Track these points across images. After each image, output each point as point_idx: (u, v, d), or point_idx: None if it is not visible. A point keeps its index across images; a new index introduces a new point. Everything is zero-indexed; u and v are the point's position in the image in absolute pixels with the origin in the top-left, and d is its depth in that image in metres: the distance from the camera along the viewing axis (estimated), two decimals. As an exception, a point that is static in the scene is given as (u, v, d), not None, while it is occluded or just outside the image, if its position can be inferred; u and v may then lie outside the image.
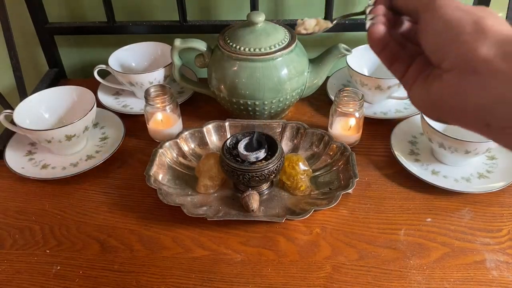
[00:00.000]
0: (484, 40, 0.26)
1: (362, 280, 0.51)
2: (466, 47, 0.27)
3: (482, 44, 0.26)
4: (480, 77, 0.26)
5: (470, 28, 0.27)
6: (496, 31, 0.26)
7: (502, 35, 0.26)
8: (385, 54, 0.35)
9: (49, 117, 0.73)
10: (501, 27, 0.27)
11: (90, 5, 0.89)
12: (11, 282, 0.53)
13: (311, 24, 0.43)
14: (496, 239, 0.55)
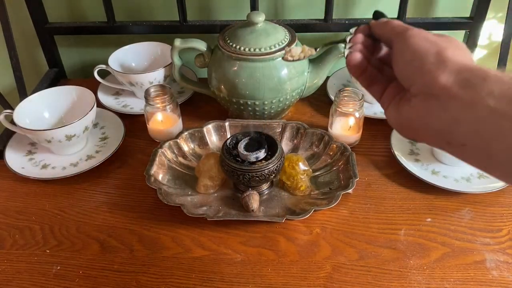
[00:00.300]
0: (444, 69, 0.30)
1: (362, 280, 0.51)
2: (429, 75, 0.30)
3: (442, 72, 0.30)
4: (440, 102, 0.30)
5: (433, 58, 0.31)
6: (455, 61, 0.30)
7: (459, 64, 0.30)
8: (364, 78, 0.38)
9: (49, 117, 0.73)
10: (459, 57, 0.31)
11: (90, 5, 0.89)
12: (11, 282, 0.53)
13: (297, 51, 0.46)
14: (496, 239, 0.55)
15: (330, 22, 0.83)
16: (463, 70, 0.30)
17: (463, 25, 0.84)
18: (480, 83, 0.28)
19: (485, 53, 0.93)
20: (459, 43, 0.33)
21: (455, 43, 0.32)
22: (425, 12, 0.88)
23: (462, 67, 0.30)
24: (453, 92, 0.29)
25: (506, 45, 0.77)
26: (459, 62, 0.30)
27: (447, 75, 0.30)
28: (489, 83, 0.28)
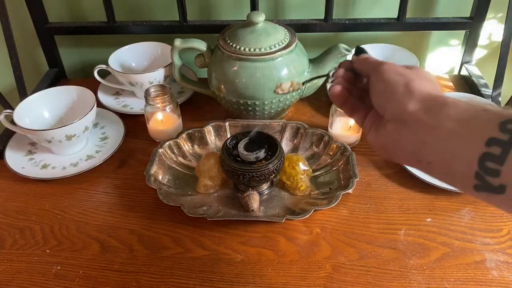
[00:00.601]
0: (411, 98, 0.35)
1: (362, 280, 0.51)
2: (399, 104, 0.35)
3: (409, 101, 0.35)
4: (409, 126, 0.34)
5: (402, 89, 0.36)
6: (421, 91, 0.35)
7: (424, 93, 0.35)
8: (346, 107, 0.43)
9: (49, 117, 0.73)
10: (424, 87, 0.35)
11: (90, 5, 0.89)
12: (11, 282, 0.53)
13: (286, 86, 0.53)
14: (496, 239, 0.55)
15: (330, 22, 0.83)
16: (427, 98, 0.34)
17: (463, 25, 0.84)
18: (440, 108, 0.32)
19: (485, 53, 0.93)
20: (426, 74, 0.38)
21: (422, 74, 0.37)
22: (425, 12, 0.88)
23: (426, 96, 0.34)
24: (418, 117, 0.34)
25: (506, 45, 0.77)
26: (424, 91, 0.35)
27: (414, 103, 0.34)
28: (447, 108, 0.32)
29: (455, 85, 0.87)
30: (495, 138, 0.28)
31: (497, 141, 0.28)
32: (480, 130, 0.29)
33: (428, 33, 0.91)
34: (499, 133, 0.28)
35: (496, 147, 0.28)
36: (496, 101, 0.77)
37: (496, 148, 0.28)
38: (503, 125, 0.28)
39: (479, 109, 0.31)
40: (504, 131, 0.28)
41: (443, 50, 0.94)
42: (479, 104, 0.31)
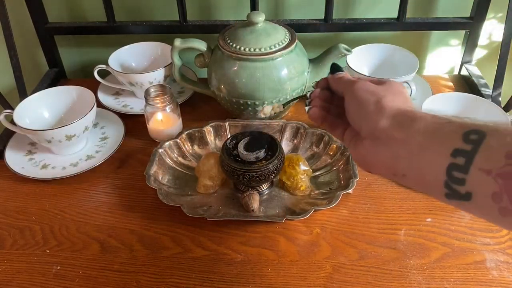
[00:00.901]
0: (382, 115, 0.36)
1: (362, 280, 0.51)
2: (371, 122, 0.37)
3: (381, 118, 0.36)
4: (382, 142, 0.36)
5: (373, 107, 0.38)
6: (391, 107, 0.37)
7: (394, 109, 0.36)
8: (326, 125, 0.46)
9: (49, 117, 0.73)
10: (394, 103, 0.37)
11: (90, 5, 0.89)
12: (11, 282, 0.53)
13: (268, 109, 0.55)
14: (496, 239, 0.55)
15: (330, 22, 0.83)
16: (397, 114, 0.36)
17: (463, 25, 0.84)
18: (410, 123, 0.34)
19: (485, 53, 0.93)
20: (397, 88, 0.40)
21: (393, 89, 0.39)
22: (425, 12, 0.88)
23: (396, 112, 0.36)
24: (390, 133, 0.36)
25: (506, 45, 0.77)
26: (394, 107, 0.37)
27: (385, 120, 0.36)
28: (416, 122, 0.34)
29: (455, 85, 0.87)
30: (459, 149, 0.30)
31: (461, 152, 0.30)
32: (446, 142, 0.31)
33: (428, 33, 0.91)
34: (462, 143, 0.30)
35: (461, 158, 0.29)
36: (496, 101, 0.77)
37: (460, 158, 0.29)
38: (466, 135, 0.30)
39: (444, 121, 0.32)
40: (467, 142, 0.29)
41: (443, 50, 0.94)
42: (444, 116, 0.33)
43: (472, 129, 0.30)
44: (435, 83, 0.86)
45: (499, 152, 0.28)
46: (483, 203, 0.29)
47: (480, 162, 0.28)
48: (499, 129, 0.29)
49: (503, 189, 0.27)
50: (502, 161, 0.27)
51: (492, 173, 0.28)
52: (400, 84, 0.41)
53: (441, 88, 0.85)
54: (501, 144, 0.28)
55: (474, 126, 0.30)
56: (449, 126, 0.32)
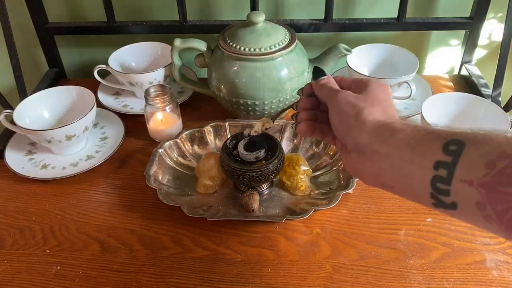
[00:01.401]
0: (363, 130, 0.37)
1: (362, 280, 0.51)
2: (353, 136, 0.38)
3: (362, 133, 0.37)
4: (367, 156, 0.37)
5: (354, 121, 0.38)
6: (371, 121, 0.37)
7: (374, 123, 0.36)
8: (316, 135, 0.46)
9: (49, 117, 0.73)
10: (374, 115, 0.37)
11: (90, 5, 0.89)
12: (11, 282, 0.53)
13: (259, 126, 0.55)
14: (496, 239, 0.55)
15: (330, 22, 0.83)
16: (376, 128, 0.36)
17: (463, 25, 0.84)
18: (390, 137, 0.35)
19: (485, 53, 0.93)
20: (376, 95, 0.39)
21: (372, 99, 0.39)
22: (425, 12, 0.88)
23: (375, 126, 0.36)
24: (372, 148, 0.36)
25: (506, 45, 0.77)
26: (374, 121, 0.37)
27: (366, 135, 0.36)
28: (396, 135, 0.34)
29: (455, 85, 0.87)
30: (440, 161, 0.30)
31: (443, 164, 0.30)
32: (427, 155, 0.31)
33: (428, 33, 0.91)
34: (443, 155, 0.30)
35: (443, 169, 0.30)
36: (496, 101, 0.77)
37: (442, 170, 0.30)
38: (446, 146, 0.30)
39: (423, 133, 0.32)
40: (448, 153, 0.30)
41: (443, 50, 0.94)
42: (424, 127, 0.33)
43: (451, 139, 0.30)
44: (435, 83, 0.86)
45: (479, 162, 0.28)
46: (469, 212, 0.29)
47: (461, 173, 0.29)
48: (477, 138, 0.29)
49: (485, 199, 0.27)
50: (482, 171, 0.27)
51: (474, 183, 0.28)
52: (381, 87, 0.41)
53: (441, 88, 0.85)
54: (480, 154, 0.28)
55: (453, 135, 0.30)
56: (428, 137, 0.32)
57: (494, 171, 0.27)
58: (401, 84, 0.75)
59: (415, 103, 0.78)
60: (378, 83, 0.41)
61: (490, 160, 0.27)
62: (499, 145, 0.27)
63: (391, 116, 0.38)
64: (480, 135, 0.29)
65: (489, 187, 0.27)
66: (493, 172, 0.27)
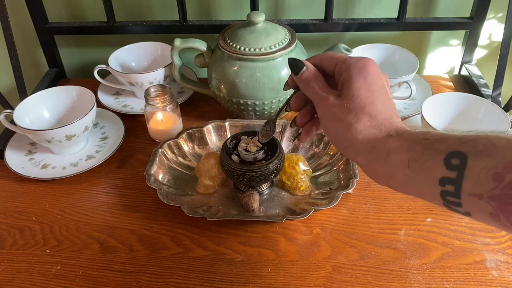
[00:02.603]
0: (356, 152, 0.35)
1: (362, 280, 0.51)
2: (350, 157, 0.36)
3: (356, 155, 0.35)
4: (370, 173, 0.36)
5: (345, 142, 0.36)
6: (362, 140, 0.35)
7: (366, 143, 0.34)
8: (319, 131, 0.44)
9: (49, 117, 0.73)
10: (364, 133, 0.35)
11: (90, 5, 0.89)
12: (11, 282, 0.53)
13: (253, 148, 0.57)
14: (496, 239, 0.55)
15: (330, 22, 0.83)
16: (370, 149, 0.34)
17: (463, 25, 0.84)
18: (386, 159, 0.33)
19: (485, 53, 0.93)
20: (361, 97, 0.35)
21: (355, 106, 0.35)
22: (425, 12, 0.88)
23: (368, 146, 0.34)
24: (373, 167, 0.35)
25: (506, 45, 0.77)
26: (364, 139, 0.35)
27: (361, 157, 0.35)
28: (392, 157, 0.33)
29: (455, 85, 0.87)
30: (445, 177, 0.29)
31: (448, 180, 0.29)
32: (430, 173, 0.30)
33: (428, 33, 0.91)
34: (446, 171, 0.29)
35: (449, 185, 0.29)
36: (496, 101, 0.77)
37: (449, 186, 0.29)
38: (448, 161, 0.29)
39: (420, 149, 0.31)
40: (451, 168, 0.29)
41: (443, 50, 0.94)
42: (419, 139, 0.32)
43: (451, 152, 0.29)
44: (435, 83, 0.86)
45: (485, 176, 0.27)
46: (484, 220, 0.29)
47: (468, 188, 0.28)
48: (478, 148, 0.28)
49: (498, 211, 0.27)
50: (490, 185, 0.27)
51: (483, 197, 0.27)
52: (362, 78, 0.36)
53: (441, 88, 0.85)
54: (485, 167, 0.27)
55: (452, 147, 0.29)
56: (427, 154, 0.30)
57: (503, 184, 0.26)
58: (401, 84, 0.75)
59: (415, 103, 0.78)
60: (358, 72, 0.36)
61: (496, 172, 0.26)
62: (503, 155, 0.27)
63: (382, 124, 0.35)
64: (481, 144, 0.28)
65: (499, 200, 0.26)
66: (502, 185, 0.26)
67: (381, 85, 0.36)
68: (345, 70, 0.37)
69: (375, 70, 0.36)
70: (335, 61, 0.38)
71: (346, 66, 0.37)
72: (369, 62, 0.36)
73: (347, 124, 0.35)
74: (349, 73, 0.36)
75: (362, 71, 0.36)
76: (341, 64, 0.38)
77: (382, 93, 0.36)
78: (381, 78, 0.37)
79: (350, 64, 0.36)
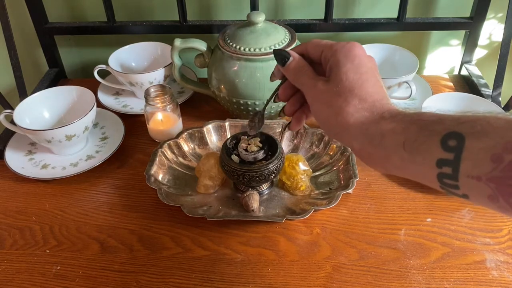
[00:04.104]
0: (350, 137, 0.34)
1: (362, 280, 0.51)
2: (345, 143, 0.36)
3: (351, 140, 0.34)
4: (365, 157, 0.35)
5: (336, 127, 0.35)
6: (354, 123, 0.34)
7: (358, 126, 0.34)
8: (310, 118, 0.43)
9: (49, 117, 0.73)
10: (355, 116, 0.34)
11: (90, 5, 0.89)
12: (11, 282, 0.53)
13: (253, 148, 0.57)
14: (496, 239, 0.55)
15: (330, 22, 0.83)
16: (363, 132, 0.34)
17: (463, 25, 0.84)
18: (380, 141, 0.32)
19: (485, 53, 0.93)
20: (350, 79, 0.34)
21: (345, 89, 0.34)
22: (425, 12, 0.88)
23: (361, 130, 0.34)
24: (368, 151, 0.34)
25: (506, 45, 0.77)
26: (356, 123, 0.34)
27: (355, 142, 0.34)
28: (386, 139, 0.32)
29: (455, 85, 0.87)
30: (442, 159, 0.28)
31: (445, 161, 0.28)
32: (427, 155, 0.29)
33: (428, 33, 0.91)
34: (443, 152, 0.28)
35: (447, 167, 0.28)
36: (496, 101, 0.77)
37: (446, 168, 0.28)
38: (445, 142, 0.28)
39: (415, 130, 0.30)
40: (448, 149, 0.28)
41: (443, 50, 0.94)
42: (415, 120, 0.31)
43: (448, 133, 0.28)
44: (435, 83, 0.86)
45: (484, 157, 0.26)
46: (482, 203, 0.28)
47: (466, 170, 0.27)
48: (476, 129, 0.27)
49: (497, 192, 0.26)
50: (489, 166, 0.26)
51: (482, 179, 0.26)
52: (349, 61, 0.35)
53: (441, 88, 0.85)
54: (483, 148, 0.26)
55: (449, 128, 0.28)
56: (422, 135, 0.30)
57: (502, 165, 0.25)
58: (401, 84, 0.75)
59: (415, 103, 0.78)
60: (345, 56, 0.35)
61: (495, 153, 0.26)
62: (502, 136, 0.26)
63: (373, 106, 0.34)
64: (479, 124, 0.27)
65: (499, 182, 0.26)
66: (501, 167, 0.25)
67: (369, 67, 0.36)
68: (332, 56, 0.36)
69: (362, 53, 0.36)
70: (321, 48, 0.38)
71: (332, 51, 0.36)
72: (355, 46, 0.36)
73: (337, 108, 0.35)
74: (336, 58, 0.36)
75: (348, 55, 0.36)
76: (327, 50, 0.37)
77: (371, 75, 0.35)
78: (369, 60, 0.36)
79: (337, 49, 0.36)
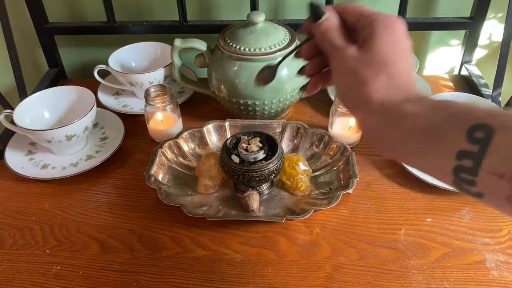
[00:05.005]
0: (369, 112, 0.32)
1: (362, 280, 0.51)
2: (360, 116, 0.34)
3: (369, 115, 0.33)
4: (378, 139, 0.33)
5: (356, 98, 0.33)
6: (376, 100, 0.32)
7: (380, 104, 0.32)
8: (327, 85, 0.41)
9: (49, 117, 0.73)
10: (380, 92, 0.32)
11: (90, 5, 0.89)
12: (11, 282, 0.53)
13: (253, 148, 0.58)
14: (496, 239, 0.55)
15: (330, 22, 0.83)
16: (382, 111, 0.32)
17: (463, 25, 0.84)
18: (399, 123, 0.31)
19: (485, 53, 0.93)
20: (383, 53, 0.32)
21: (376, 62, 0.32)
22: (425, 12, 0.88)
23: (382, 107, 0.32)
24: (385, 131, 0.32)
25: (506, 45, 0.77)
26: (379, 100, 0.32)
27: (373, 118, 0.32)
28: (407, 122, 0.30)
29: (455, 85, 0.87)
30: (464, 151, 0.26)
31: (467, 154, 0.26)
32: (448, 143, 0.27)
33: (428, 33, 0.91)
34: (467, 144, 0.26)
35: (467, 160, 0.26)
36: (496, 101, 0.77)
37: (467, 161, 0.26)
38: (471, 133, 0.26)
39: (441, 117, 0.28)
40: (473, 141, 0.26)
41: (443, 50, 0.94)
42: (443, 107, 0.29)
43: (477, 124, 0.26)
44: (435, 83, 0.86)
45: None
46: (497, 203, 0.26)
47: (490, 165, 0.25)
48: (508, 123, 0.25)
49: None
50: None
51: (505, 176, 0.24)
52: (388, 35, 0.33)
53: (441, 88, 0.85)
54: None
55: (478, 119, 0.26)
56: (448, 122, 0.28)
57: None
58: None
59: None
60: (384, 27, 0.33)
61: None
62: None
63: (400, 86, 0.32)
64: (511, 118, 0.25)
65: None
66: None
67: (405, 47, 0.34)
68: (369, 24, 0.34)
69: (402, 30, 0.34)
70: (358, 14, 0.35)
71: (371, 20, 0.34)
72: (397, 20, 0.34)
73: (363, 79, 0.33)
74: (373, 27, 0.33)
75: (388, 27, 0.33)
76: (365, 18, 0.35)
77: (405, 55, 0.33)
78: (407, 40, 0.34)
79: (376, 19, 0.34)
